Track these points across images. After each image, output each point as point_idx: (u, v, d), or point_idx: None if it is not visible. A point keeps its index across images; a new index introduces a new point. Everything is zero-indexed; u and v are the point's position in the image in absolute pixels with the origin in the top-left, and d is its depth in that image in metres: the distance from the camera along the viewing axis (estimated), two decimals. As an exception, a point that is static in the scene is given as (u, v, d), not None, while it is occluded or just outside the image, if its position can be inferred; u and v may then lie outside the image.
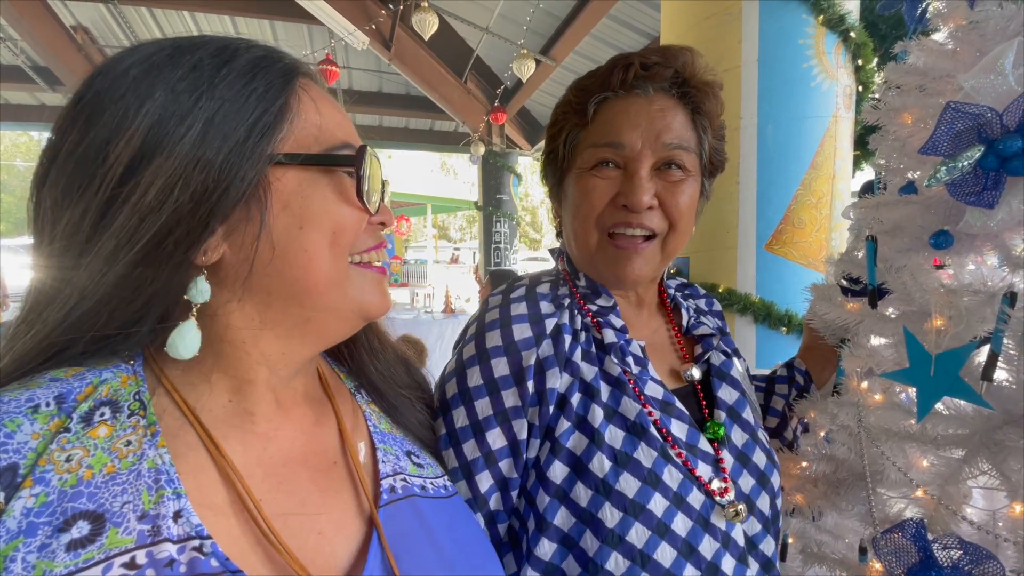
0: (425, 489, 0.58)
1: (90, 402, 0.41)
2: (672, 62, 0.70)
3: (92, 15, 5.50)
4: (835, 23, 1.72)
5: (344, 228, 0.49)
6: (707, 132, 0.72)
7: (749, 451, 0.71)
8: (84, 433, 0.40)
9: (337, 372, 0.64)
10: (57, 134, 0.44)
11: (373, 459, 0.57)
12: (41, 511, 0.36)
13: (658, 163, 0.69)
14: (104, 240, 0.41)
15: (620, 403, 0.67)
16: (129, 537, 0.37)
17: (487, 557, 0.59)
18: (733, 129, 1.82)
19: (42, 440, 0.38)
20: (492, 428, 0.66)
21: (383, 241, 0.56)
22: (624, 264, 0.70)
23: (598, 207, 0.70)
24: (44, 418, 0.39)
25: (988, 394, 0.64)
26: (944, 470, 0.68)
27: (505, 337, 0.67)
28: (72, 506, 0.37)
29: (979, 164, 0.64)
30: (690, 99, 0.71)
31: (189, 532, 0.39)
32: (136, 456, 0.41)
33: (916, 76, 0.82)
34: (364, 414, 0.61)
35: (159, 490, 0.40)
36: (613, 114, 0.70)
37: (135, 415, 0.43)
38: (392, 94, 7.47)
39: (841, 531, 0.89)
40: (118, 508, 0.38)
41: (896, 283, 0.79)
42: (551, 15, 5.11)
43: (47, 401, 0.40)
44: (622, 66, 0.70)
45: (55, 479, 0.37)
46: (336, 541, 0.49)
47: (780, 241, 1.84)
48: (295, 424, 0.53)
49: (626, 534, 0.60)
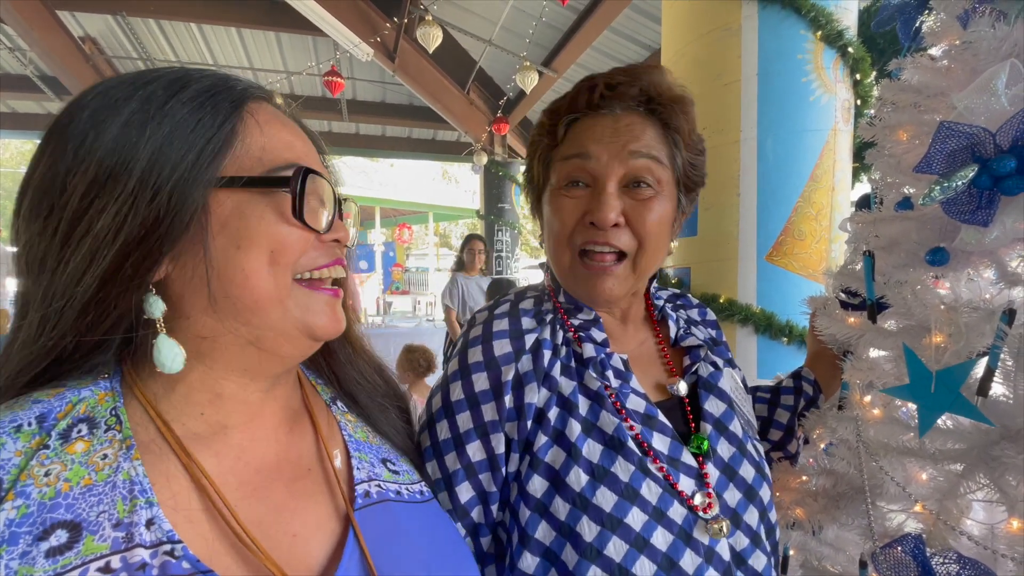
0: (400, 494, 0.60)
1: (68, 420, 0.44)
2: (637, 80, 0.70)
3: (100, 26, 5.58)
4: (833, 38, 1.74)
5: (284, 247, 0.49)
6: (680, 147, 0.71)
7: (736, 464, 0.71)
8: (62, 449, 0.43)
9: (314, 383, 0.66)
10: (30, 166, 0.47)
11: (348, 466, 0.59)
12: (22, 522, 0.39)
13: (627, 178, 0.69)
14: (68, 267, 0.44)
15: (599, 417, 0.67)
16: (104, 544, 0.40)
17: (463, 559, 0.60)
18: (733, 142, 1.84)
19: (24, 457, 0.41)
20: (472, 441, 0.67)
21: (338, 259, 0.55)
22: (594, 284, 0.71)
23: (568, 225, 0.71)
24: (26, 437, 0.42)
25: (985, 409, 0.65)
26: (943, 485, 0.68)
27: (486, 353, 0.69)
28: (51, 516, 0.39)
29: (973, 183, 0.65)
30: (659, 115, 0.71)
31: (161, 538, 0.42)
32: (112, 469, 0.43)
33: (911, 93, 0.83)
34: (339, 424, 0.63)
35: (133, 499, 0.42)
36: (580, 131, 0.71)
37: (111, 430, 0.45)
38: (396, 104, 7.55)
39: (842, 544, 0.89)
40: (94, 517, 0.41)
41: (895, 298, 0.80)
42: (553, 27, 5.18)
43: (29, 421, 0.43)
44: (587, 87, 0.71)
45: (35, 492, 0.40)
46: (311, 542, 0.51)
47: (781, 252, 1.85)
48: (269, 434, 0.55)
49: (604, 548, 0.61)
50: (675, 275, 2.10)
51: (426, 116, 7.26)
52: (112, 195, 0.44)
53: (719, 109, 1.87)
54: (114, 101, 0.46)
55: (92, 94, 0.47)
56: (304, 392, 0.62)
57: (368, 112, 7.54)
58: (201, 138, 0.47)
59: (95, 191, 0.44)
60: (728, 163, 1.86)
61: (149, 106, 0.46)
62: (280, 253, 0.49)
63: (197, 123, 0.47)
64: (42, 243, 0.45)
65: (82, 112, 0.46)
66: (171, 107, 0.46)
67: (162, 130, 0.45)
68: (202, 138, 0.47)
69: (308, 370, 0.67)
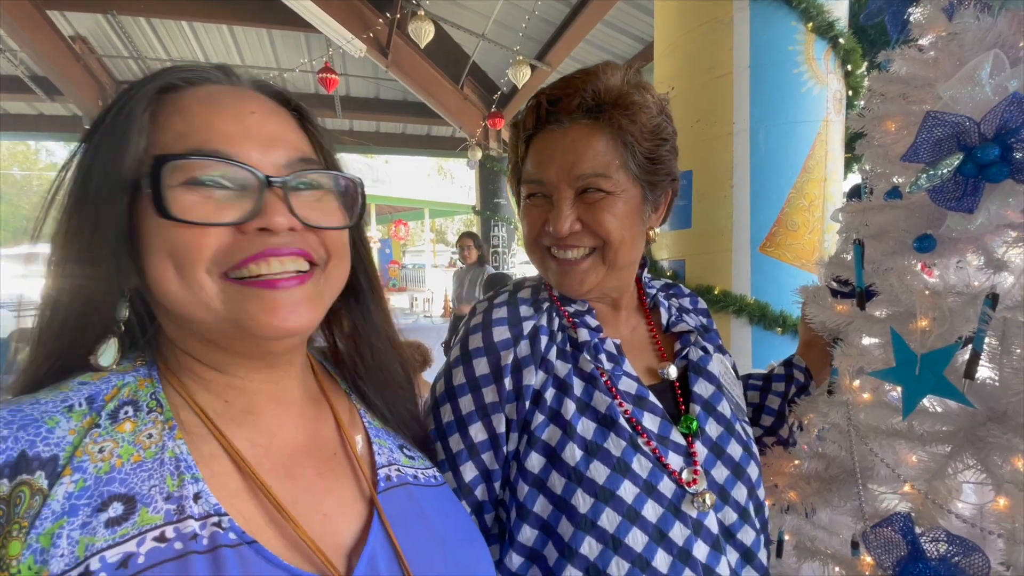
0: (417, 478, 0.62)
1: (115, 402, 0.47)
2: (578, 92, 0.71)
3: (91, 25, 5.53)
4: (824, 29, 1.75)
5: (182, 250, 0.45)
6: (632, 146, 0.72)
7: (724, 443, 0.74)
8: (112, 428, 0.45)
9: (333, 374, 0.68)
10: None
11: (370, 451, 0.61)
12: (80, 495, 0.41)
13: (577, 191, 0.72)
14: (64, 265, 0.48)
15: (592, 397, 0.70)
16: (158, 515, 0.42)
17: (475, 539, 0.63)
18: (726, 134, 1.85)
19: (77, 435, 0.43)
20: (474, 422, 0.70)
21: (267, 248, 0.47)
22: (565, 279, 0.75)
23: (534, 230, 0.76)
24: (78, 416, 0.44)
25: (971, 392, 0.67)
26: (931, 466, 0.70)
27: (486, 339, 0.73)
28: (107, 490, 0.42)
29: (958, 171, 0.66)
30: (605, 119, 0.71)
31: (208, 511, 0.44)
32: (158, 447, 0.46)
33: (899, 85, 0.85)
34: (360, 412, 0.65)
35: (180, 475, 0.45)
36: (536, 151, 0.75)
37: (153, 412, 0.48)
38: (389, 100, 7.52)
39: (836, 527, 0.92)
40: (147, 491, 0.43)
41: (883, 285, 0.81)
42: (546, 21, 5.17)
43: (79, 401, 0.45)
44: (533, 106, 0.74)
45: (91, 467, 0.42)
46: (339, 522, 0.53)
47: (774, 243, 1.87)
48: (295, 420, 0.56)
49: (598, 519, 0.64)
50: (670, 267, 2.12)
51: (420, 112, 7.23)
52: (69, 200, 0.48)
53: (711, 101, 1.88)
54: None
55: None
56: (319, 380, 0.63)
57: (362, 108, 7.51)
58: (107, 144, 0.46)
59: (68, 198, 0.48)
60: (721, 155, 1.87)
61: (103, 109, 0.49)
62: (180, 257, 0.45)
63: (108, 129, 0.47)
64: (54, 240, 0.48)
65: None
66: (106, 110, 0.49)
67: (94, 133, 0.48)
68: (107, 144, 0.46)
69: (325, 360, 0.69)
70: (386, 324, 0.67)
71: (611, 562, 0.63)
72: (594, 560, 0.63)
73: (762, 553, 0.74)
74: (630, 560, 0.63)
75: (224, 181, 0.47)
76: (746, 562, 0.71)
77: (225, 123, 0.48)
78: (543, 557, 0.66)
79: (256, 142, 0.49)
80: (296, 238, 0.49)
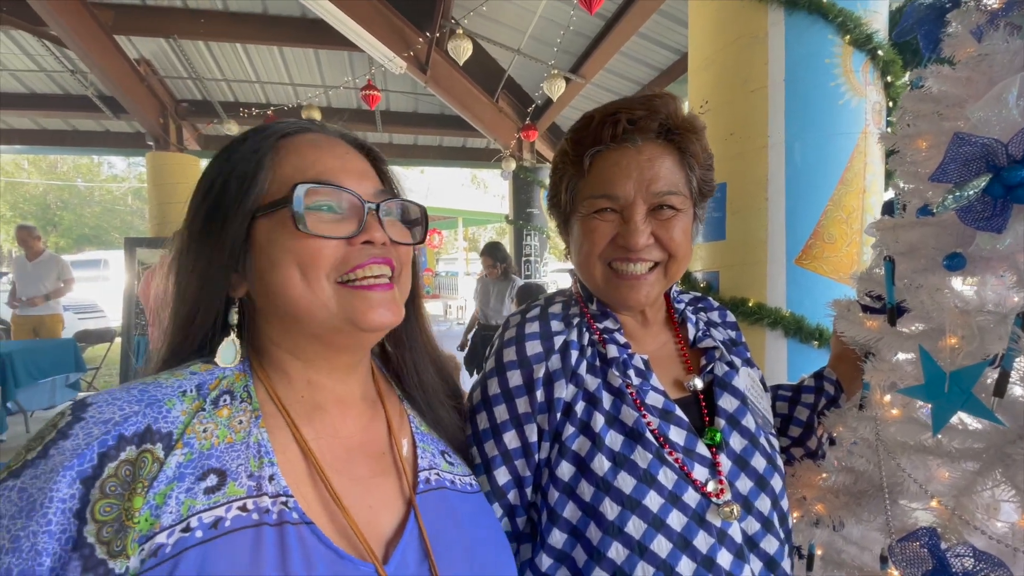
0: (454, 484, 0.68)
1: (217, 391, 0.56)
2: (656, 114, 0.74)
3: (153, 48, 5.94)
4: (862, 42, 1.74)
5: (310, 259, 0.56)
6: (694, 168, 0.77)
7: (748, 456, 0.76)
8: (214, 412, 0.54)
9: (388, 379, 0.75)
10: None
11: (414, 454, 0.67)
12: (188, 465, 0.49)
13: (651, 207, 0.75)
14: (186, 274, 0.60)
15: (620, 411, 0.73)
16: (242, 489, 0.50)
17: (501, 546, 0.68)
18: (760, 148, 1.85)
19: (188, 416, 0.52)
20: (508, 431, 0.74)
21: (375, 258, 0.59)
22: (628, 293, 0.78)
23: (600, 246, 0.77)
24: (189, 400, 0.53)
25: (1002, 410, 0.67)
26: (959, 482, 0.71)
27: (519, 352, 0.76)
28: (206, 463, 0.50)
29: (986, 191, 0.68)
30: (676, 143, 0.76)
31: (279, 491, 0.52)
32: (245, 432, 0.54)
33: (931, 103, 0.86)
34: (408, 417, 0.71)
35: (260, 458, 0.53)
36: (606, 166, 0.76)
37: (244, 402, 0.56)
38: (427, 114, 7.73)
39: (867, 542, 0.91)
40: (235, 468, 0.51)
41: (914, 302, 0.82)
42: (581, 35, 5.22)
43: (191, 388, 0.54)
44: (611, 122, 0.75)
45: (196, 443, 0.51)
46: (382, 515, 0.59)
47: (810, 256, 1.85)
48: (355, 419, 0.64)
49: (624, 526, 0.67)
50: (704, 279, 2.12)
51: (457, 125, 7.41)
52: (199, 224, 0.59)
53: (746, 115, 1.88)
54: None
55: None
56: (377, 384, 0.70)
57: (401, 122, 7.75)
58: (237, 175, 0.57)
59: (193, 220, 0.60)
60: (756, 168, 1.87)
61: (222, 154, 0.60)
62: (308, 265, 0.56)
63: (237, 163, 0.58)
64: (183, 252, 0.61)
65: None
66: (231, 150, 0.60)
67: (222, 171, 0.59)
68: (236, 174, 0.57)
69: (383, 367, 0.76)
70: (426, 335, 0.75)
71: (637, 566, 0.66)
72: (621, 564, 0.66)
73: (786, 563, 0.75)
74: (655, 565, 0.66)
75: (336, 205, 0.58)
76: (770, 571, 0.73)
77: (330, 161, 0.60)
78: (572, 559, 0.70)
79: (352, 175, 0.60)
80: (387, 250, 0.61)
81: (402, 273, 0.64)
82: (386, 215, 0.62)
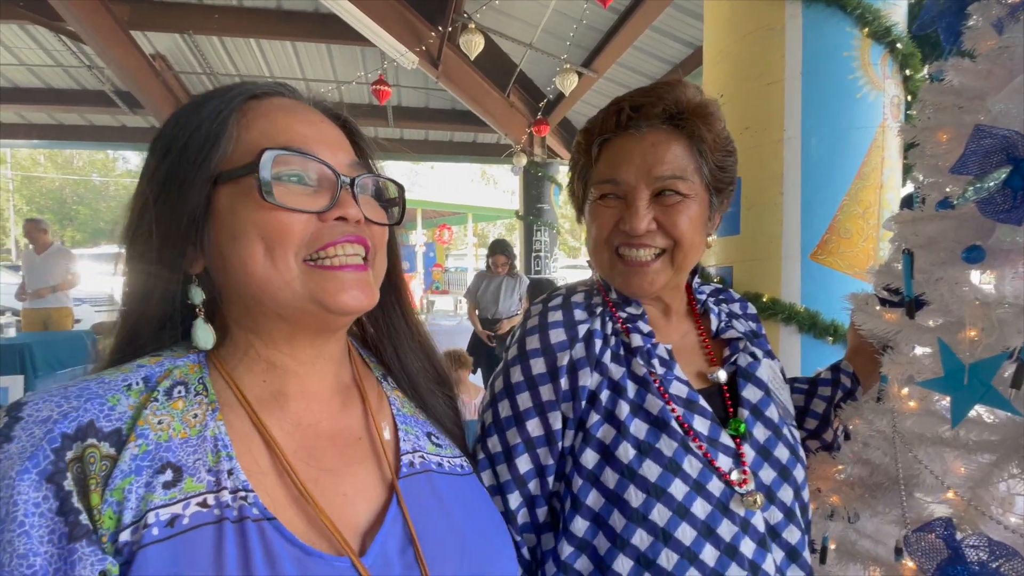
0: (441, 466, 0.64)
1: (168, 381, 0.52)
2: (660, 100, 0.75)
3: (169, 44, 6.01)
4: (881, 35, 1.72)
5: (276, 234, 0.51)
6: (705, 154, 0.76)
7: (771, 446, 0.76)
8: (168, 404, 0.50)
9: (367, 361, 0.71)
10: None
11: (395, 438, 0.63)
12: (144, 457, 0.46)
13: (654, 192, 0.75)
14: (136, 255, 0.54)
15: (645, 400, 0.74)
16: (201, 484, 0.47)
17: (497, 530, 0.65)
18: (776, 141, 1.84)
19: (136, 409, 0.49)
20: (532, 418, 0.75)
21: (348, 235, 0.54)
22: (633, 279, 0.78)
23: (605, 231, 0.78)
24: (135, 394, 0.50)
25: (1018, 402, 0.67)
26: (976, 474, 0.71)
27: (543, 340, 0.76)
28: (163, 456, 0.47)
29: (1006, 184, 0.67)
30: (683, 128, 0.75)
31: (238, 486, 0.48)
32: (201, 426, 0.50)
33: (951, 96, 0.85)
34: (389, 399, 0.67)
35: (218, 452, 0.50)
36: (611, 153, 0.78)
37: (199, 395, 0.52)
38: (438, 109, 7.74)
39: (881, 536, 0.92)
40: (191, 463, 0.48)
41: (933, 295, 0.82)
42: (594, 29, 5.20)
43: (136, 381, 0.51)
44: (614, 111, 0.77)
45: (152, 434, 0.48)
46: (358, 503, 0.55)
47: (826, 251, 1.84)
48: (323, 406, 0.60)
49: (649, 513, 0.68)
50: (717, 274, 2.11)
51: (467, 120, 7.42)
52: (155, 189, 0.53)
53: (761, 109, 1.87)
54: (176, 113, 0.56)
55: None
56: (355, 368, 0.66)
57: (412, 117, 7.78)
58: (197, 138, 0.52)
59: (149, 184, 0.54)
60: (771, 162, 1.86)
61: (181, 114, 0.55)
62: (273, 240, 0.51)
63: (199, 124, 0.53)
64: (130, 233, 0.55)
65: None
66: (188, 111, 0.54)
67: (179, 132, 0.53)
68: (197, 136, 0.52)
69: (362, 348, 0.72)
70: (411, 323, 0.72)
71: (661, 553, 0.67)
72: (644, 551, 0.67)
73: (807, 552, 0.76)
74: (679, 552, 0.67)
75: (306, 176, 0.53)
76: (791, 560, 0.73)
77: (302, 128, 0.55)
78: (593, 547, 0.71)
79: (326, 145, 0.56)
80: (361, 229, 0.56)
81: (377, 255, 0.59)
82: (361, 191, 0.57)
